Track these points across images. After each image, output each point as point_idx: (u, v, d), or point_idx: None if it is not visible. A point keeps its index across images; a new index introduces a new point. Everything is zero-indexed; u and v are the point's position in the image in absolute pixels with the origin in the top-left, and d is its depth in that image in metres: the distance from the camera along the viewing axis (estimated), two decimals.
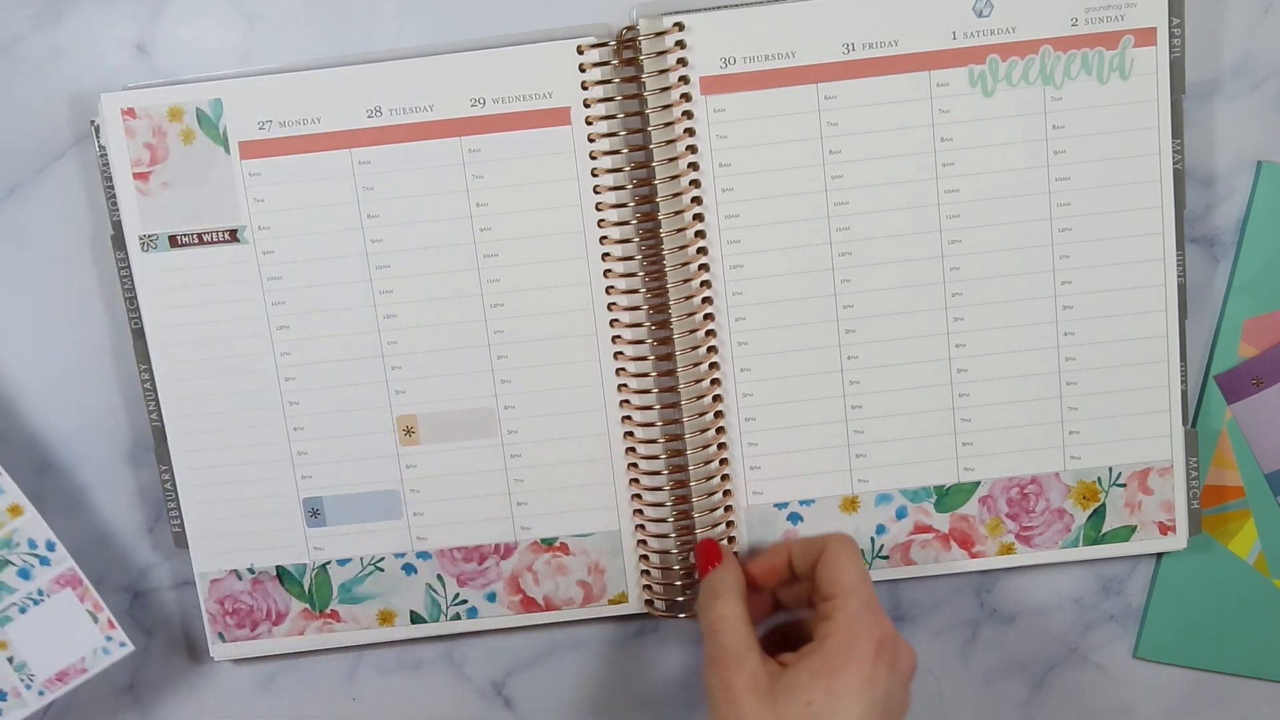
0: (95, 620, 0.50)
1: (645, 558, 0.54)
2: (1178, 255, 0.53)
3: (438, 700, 0.57)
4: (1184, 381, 0.54)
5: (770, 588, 0.52)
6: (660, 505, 0.54)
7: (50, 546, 0.49)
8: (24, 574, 0.49)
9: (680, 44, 0.51)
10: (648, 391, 0.53)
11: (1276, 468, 0.55)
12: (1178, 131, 0.52)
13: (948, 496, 0.54)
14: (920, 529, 0.55)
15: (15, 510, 0.48)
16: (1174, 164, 0.52)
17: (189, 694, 0.56)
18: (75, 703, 0.55)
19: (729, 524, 0.54)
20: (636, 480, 0.54)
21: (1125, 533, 0.55)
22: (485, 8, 0.52)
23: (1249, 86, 0.54)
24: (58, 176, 0.52)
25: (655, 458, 0.53)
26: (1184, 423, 0.54)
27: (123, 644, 0.50)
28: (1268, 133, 0.54)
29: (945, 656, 0.57)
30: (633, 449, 0.53)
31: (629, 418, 0.53)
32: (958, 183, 0.52)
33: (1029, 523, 0.54)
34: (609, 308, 0.53)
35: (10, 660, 0.49)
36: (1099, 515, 0.54)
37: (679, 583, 0.54)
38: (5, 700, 0.49)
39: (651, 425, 0.53)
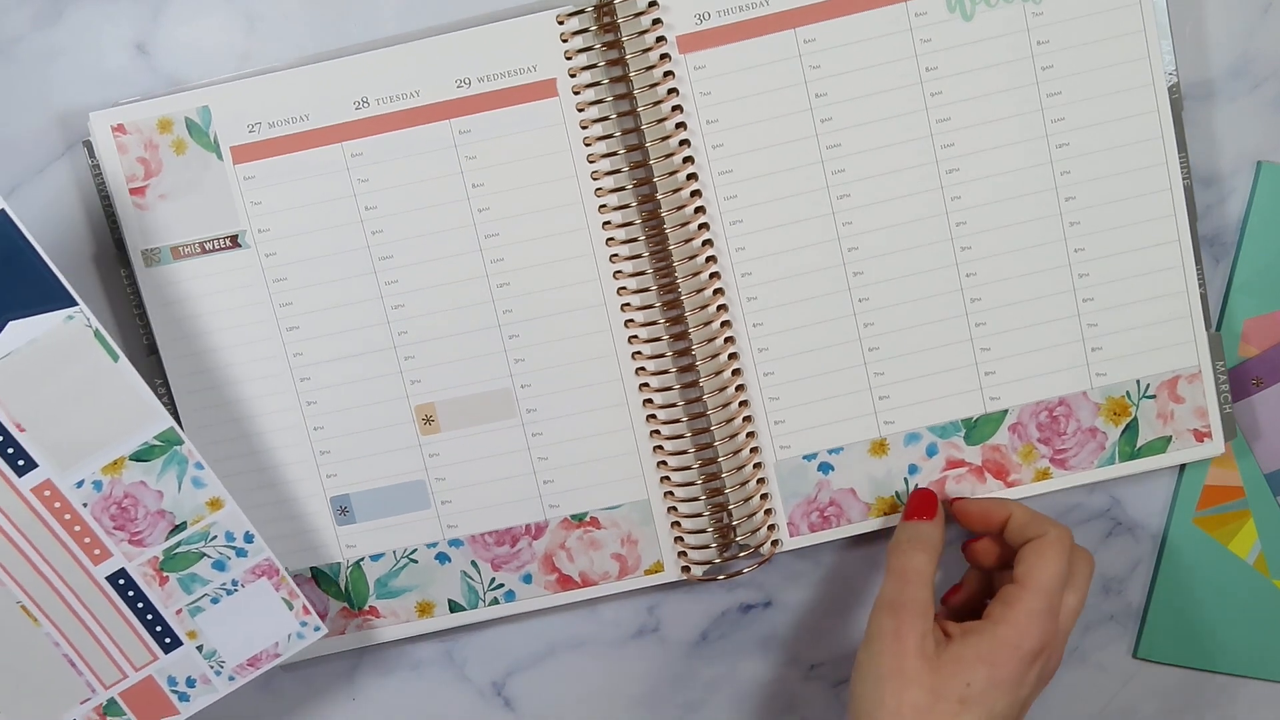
0: (290, 607, 0.49)
1: (677, 524, 0.54)
2: (1180, 157, 0.52)
3: (438, 700, 0.56)
4: (1202, 284, 0.53)
5: (974, 530, 0.53)
6: (687, 469, 0.53)
7: (249, 539, 0.49)
8: (219, 566, 0.48)
9: (654, 3, 0.51)
10: (662, 356, 0.53)
11: (1276, 468, 0.55)
12: (1165, 33, 0.52)
13: (976, 428, 0.54)
14: (953, 464, 0.54)
15: (215, 504, 0.48)
16: (1165, 66, 0.52)
17: None
18: None
19: (760, 481, 0.53)
20: (660, 447, 0.53)
21: (1161, 444, 0.54)
22: None
23: (1248, 87, 0.54)
24: (58, 177, 0.53)
25: (677, 421, 0.53)
26: (1207, 327, 0.53)
27: (317, 627, 0.50)
28: (1268, 133, 0.54)
29: None
30: (653, 416, 0.53)
31: (646, 385, 0.53)
32: (948, 111, 0.52)
33: (1062, 445, 0.54)
34: (615, 276, 0.53)
35: (200, 649, 0.49)
36: (1132, 430, 0.54)
37: (714, 545, 0.53)
38: (194, 687, 0.49)
39: (670, 390, 0.53)
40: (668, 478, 0.53)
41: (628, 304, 0.53)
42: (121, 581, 0.48)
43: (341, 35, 0.52)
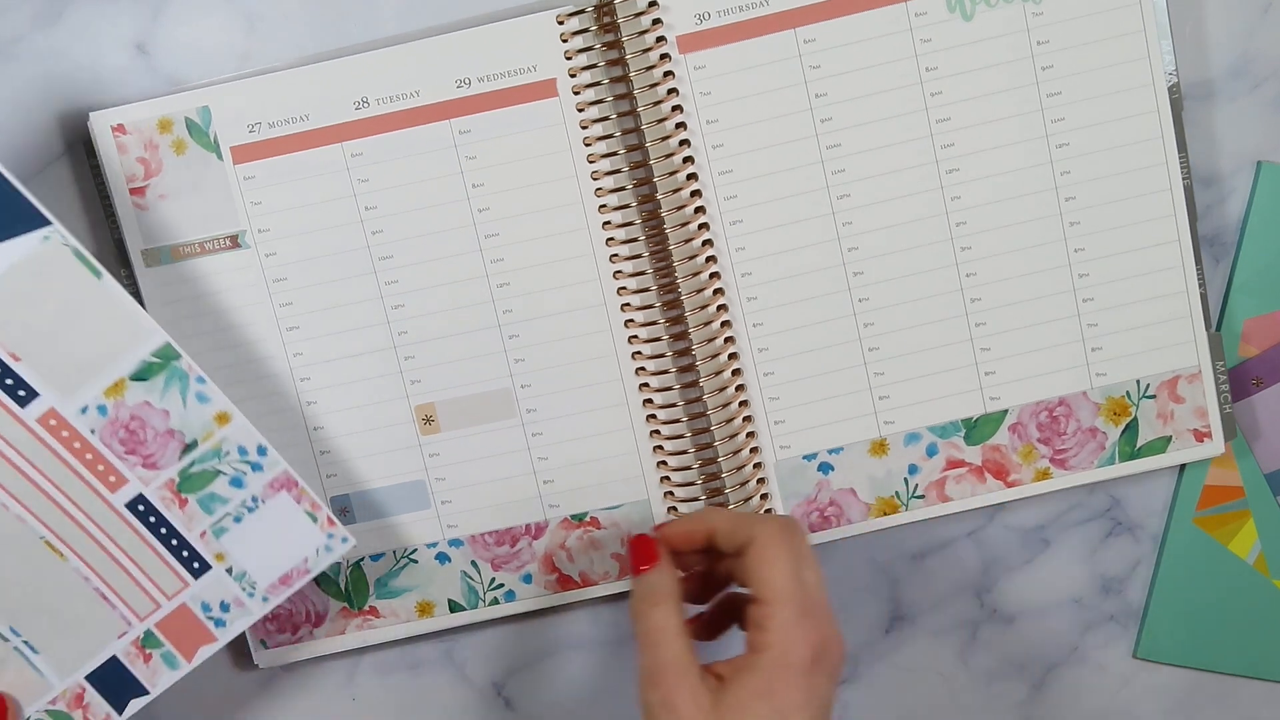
0: (315, 520, 0.48)
1: None
2: (1180, 157, 0.52)
3: (438, 700, 0.56)
4: (1202, 284, 0.53)
5: (685, 555, 0.49)
6: (687, 469, 0.53)
7: (262, 451, 0.47)
8: (237, 483, 0.47)
9: (654, 4, 0.51)
10: (662, 356, 0.53)
11: (1276, 468, 0.55)
12: (1165, 33, 0.52)
13: (976, 428, 0.54)
14: (953, 464, 0.54)
15: (223, 418, 0.47)
16: (1165, 66, 0.52)
17: (190, 695, 0.56)
18: None
19: (760, 481, 0.53)
20: (660, 447, 0.53)
21: (1161, 444, 0.54)
22: None
23: (1248, 87, 0.54)
24: (58, 177, 0.53)
25: (677, 422, 0.53)
26: (1207, 327, 0.53)
27: (345, 539, 0.49)
28: (1268, 133, 0.54)
29: (945, 656, 0.57)
30: (653, 416, 0.53)
31: (646, 385, 0.53)
32: (949, 111, 0.52)
33: (1062, 445, 0.54)
34: (615, 276, 0.53)
35: (230, 571, 0.48)
36: (1132, 430, 0.54)
37: None
38: (228, 611, 0.48)
39: (670, 390, 0.53)
40: (668, 478, 0.53)
41: (628, 304, 0.53)
42: (141, 507, 0.47)
43: (341, 35, 0.52)
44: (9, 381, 0.44)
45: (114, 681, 0.48)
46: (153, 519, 0.47)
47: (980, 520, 0.56)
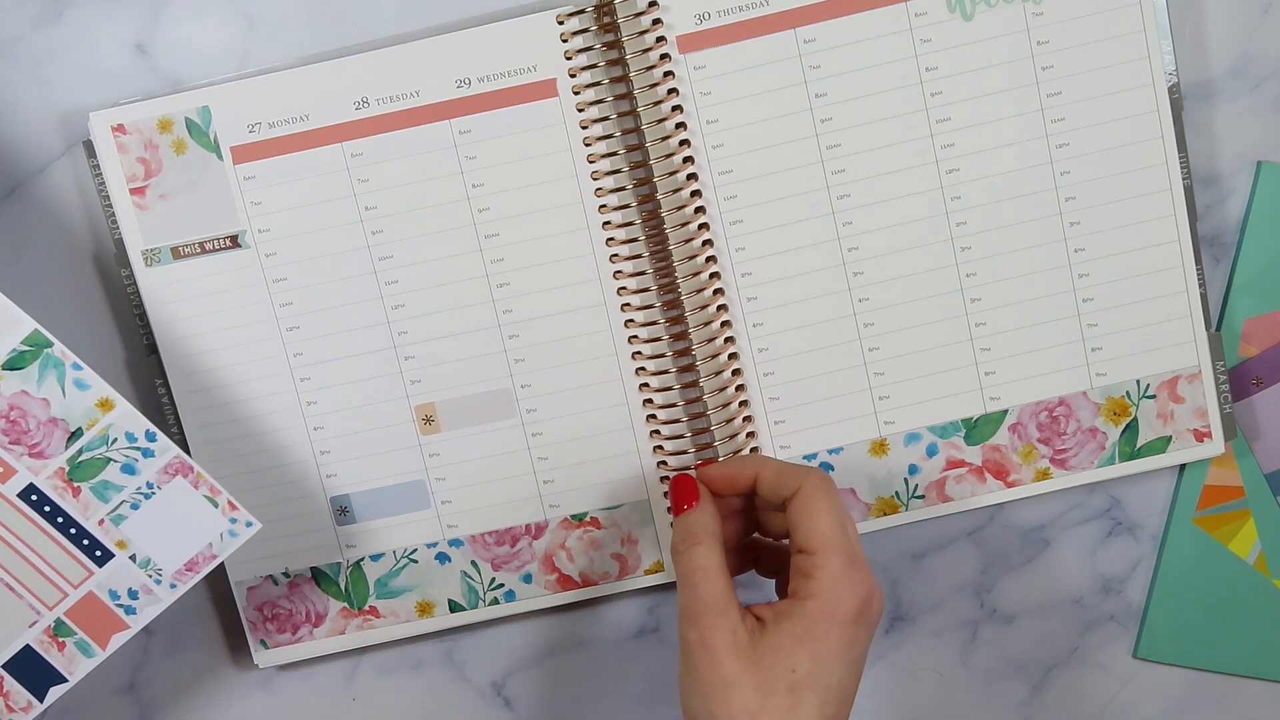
0: (215, 504, 0.48)
1: None
2: (1180, 157, 0.52)
3: (438, 700, 0.56)
4: (1202, 284, 0.53)
5: (725, 495, 0.49)
6: (687, 470, 0.53)
7: (150, 437, 0.47)
8: (128, 469, 0.47)
9: (654, 4, 0.51)
10: (662, 356, 0.53)
11: (1276, 468, 0.55)
12: (1165, 33, 0.52)
13: (976, 428, 0.54)
14: (953, 464, 0.54)
15: (105, 405, 0.47)
16: (1165, 66, 0.52)
17: (189, 695, 0.56)
18: (75, 702, 0.55)
19: None
20: (660, 447, 0.53)
21: (1161, 444, 0.54)
22: None
23: (1248, 87, 0.54)
24: (58, 177, 0.53)
25: (677, 421, 0.53)
26: (1207, 327, 0.53)
27: (249, 523, 0.48)
28: (1268, 133, 0.54)
29: (945, 656, 0.57)
30: (653, 416, 0.53)
31: (646, 385, 0.53)
32: (948, 111, 0.52)
33: (1062, 445, 0.54)
34: (615, 276, 0.53)
35: (134, 558, 0.48)
36: (1132, 430, 0.54)
37: None
38: (137, 599, 0.48)
39: (670, 390, 0.53)
40: (667, 477, 0.53)
41: (628, 304, 0.53)
42: (34, 497, 0.47)
43: (341, 35, 0.52)
44: None
45: (31, 670, 0.48)
46: (47, 508, 0.47)
47: (980, 520, 0.56)
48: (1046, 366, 0.53)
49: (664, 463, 0.53)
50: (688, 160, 0.52)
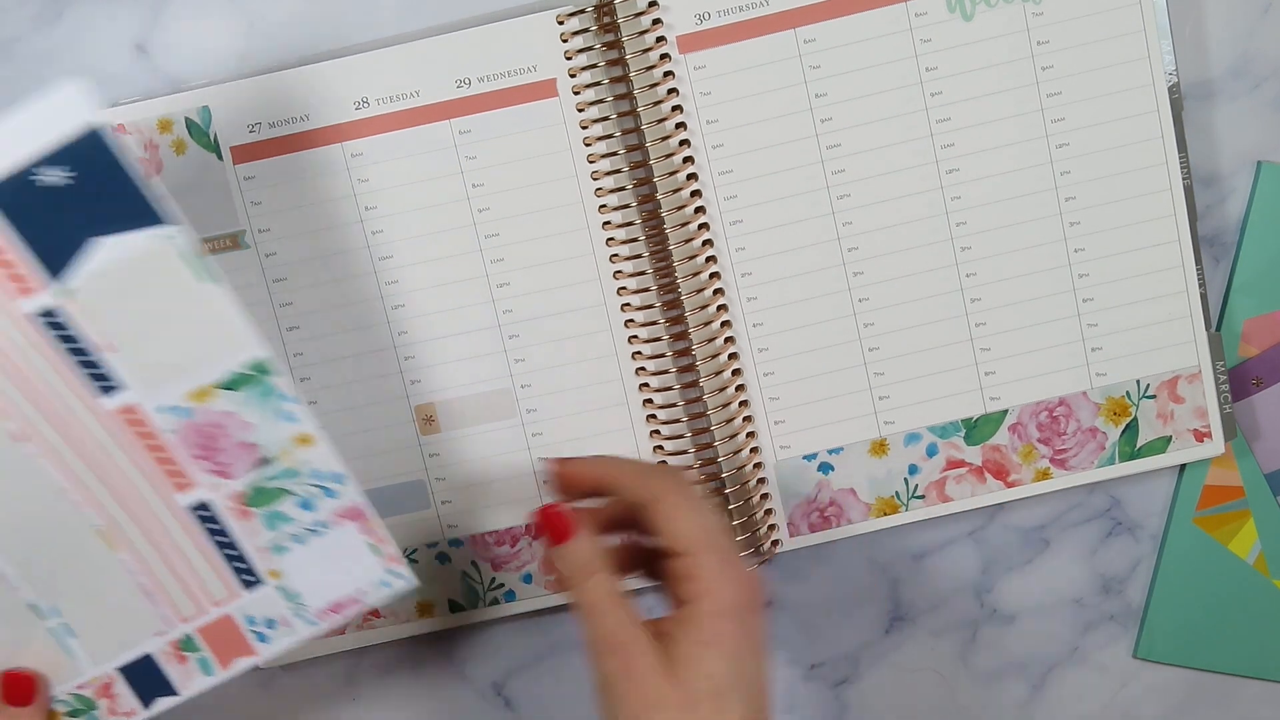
0: (378, 554, 0.47)
1: None
2: (1180, 157, 0.52)
3: (438, 700, 0.56)
4: (1202, 284, 0.53)
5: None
6: (687, 469, 0.53)
7: (338, 479, 0.46)
8: (306, 505, 0.46)
9: (654, 4, 0.51)
10: (662, 356, 0.53)
11: (1276, 468, 0.55)
12: (1165, 33, 0.52)
13: (976, 428, 0.54)
14: (953, 464, 0.54)
15: (305, 440, 0.45)
16: (1165, 66, 0.52)
17: None
18: None
19: (760, 481, 0.53)
20: (661, 447, 0.53)
21: (1161, 444, 0.54)
22: None
23: (1248, 87, 0.54)
24: None
25: (677, 422, 0.53)
26: (1207, 327, 0.53)
27: (406, 579, 0.47)
28: (1268, 133, 0.54)
29: (945, 656, 0.57)
30: (653, 416, 0.53)
31: (646, 385, 0.53)
32: (948, 111, 0.52)
33: (1062, 445, 0.54)
34: (615, 276, 0.53)
35: (282, 590, 0.47)
36: (1132, 430, 0.54)
37: None
38: (274, 629, 0.47)
39: (670, 390, 0.53)
40: None
41: (628, 304, 0.53)
42: (204, 513, 0.46)
43: (341, 35, 0.52)
44: (98, 370, 0.44)
45: (145, 677, 0.48)
46: (213, 526, 0.46)
47: (980, 520, 0.56)
48: (1046, 366, 0.53)
49: (664, 462, 0.53)
50: (688, 160, 0.52)
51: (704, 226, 0.52)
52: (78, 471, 0.45)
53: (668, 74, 0.51)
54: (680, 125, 0.52)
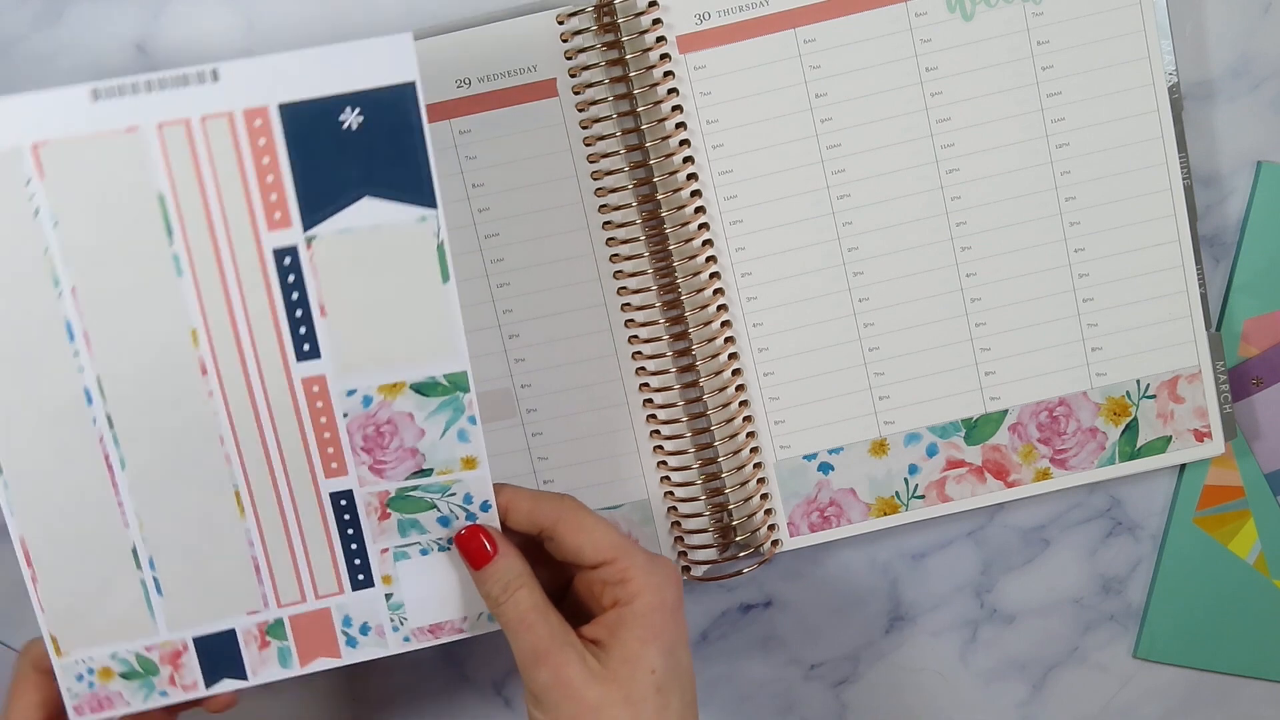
0: None
1: (677, 524, 0.54)
2: (1180, 157, 0.52)
3: (438, 700, 0.56)
4: (1202, 284, 0.53)
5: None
6: (687, 469, 0.53)
7: (485, 507, 0.45)
8: (444, 522, 0.45)
9: (654, 4, 0.51)
10: (662, 356, 0.53)
11: (1276, 468, 0.55)
12: (1165, 33, 0.52)
13: (977, 428, 0.54)
14: (953, 464, 0.54)
15: (470, 463, 0.45)
16: (1165, 66, 0.52)
17: None
18: None
19: (760, 481, 0.53)
20: (661, 447, 0.53)
21: (1161, 444, 0.54)
22: None
23: (1248, 87, 0.54)
24: None
25: (677, 421, 0.53)
26: (1207, 326, 0.53)
27: None
28: (1268, 133, 0.54)
29: (945, 656, 0.57)
30: (654, 415, 0.53)
31: (646, 385, 0.53)
32: (949, 111, 0.52)
33: (1062, 445, 0.54)
34: (615, 276, 0.53)
35: (389, 597, 0.46)
36: (1132, 430, 0.54)
37: (714, 545, 0.53)
38: (366, 635, 0.46)
39: (670, 390, 0.53)
40: (668, 478, 0.53)
41: (628, 304, 0.53)
42: (344, 503, 0.45)
43: (341, 36, 0.52)
44: (303, 330, 0.42)
45: (220, 654, 0.46)
46: (347, 517, 0.45)
47: (980, 520, 0.56)
48: (1046, 366, 0.53)
49: (664, 463, 0.53)
50: (688, 160, 0.52)
51: (704, 226, 0.52)
52: (241, 424, 0.43)
53: (668, 74, 0.51)
54: (680, 125, 0.52)
